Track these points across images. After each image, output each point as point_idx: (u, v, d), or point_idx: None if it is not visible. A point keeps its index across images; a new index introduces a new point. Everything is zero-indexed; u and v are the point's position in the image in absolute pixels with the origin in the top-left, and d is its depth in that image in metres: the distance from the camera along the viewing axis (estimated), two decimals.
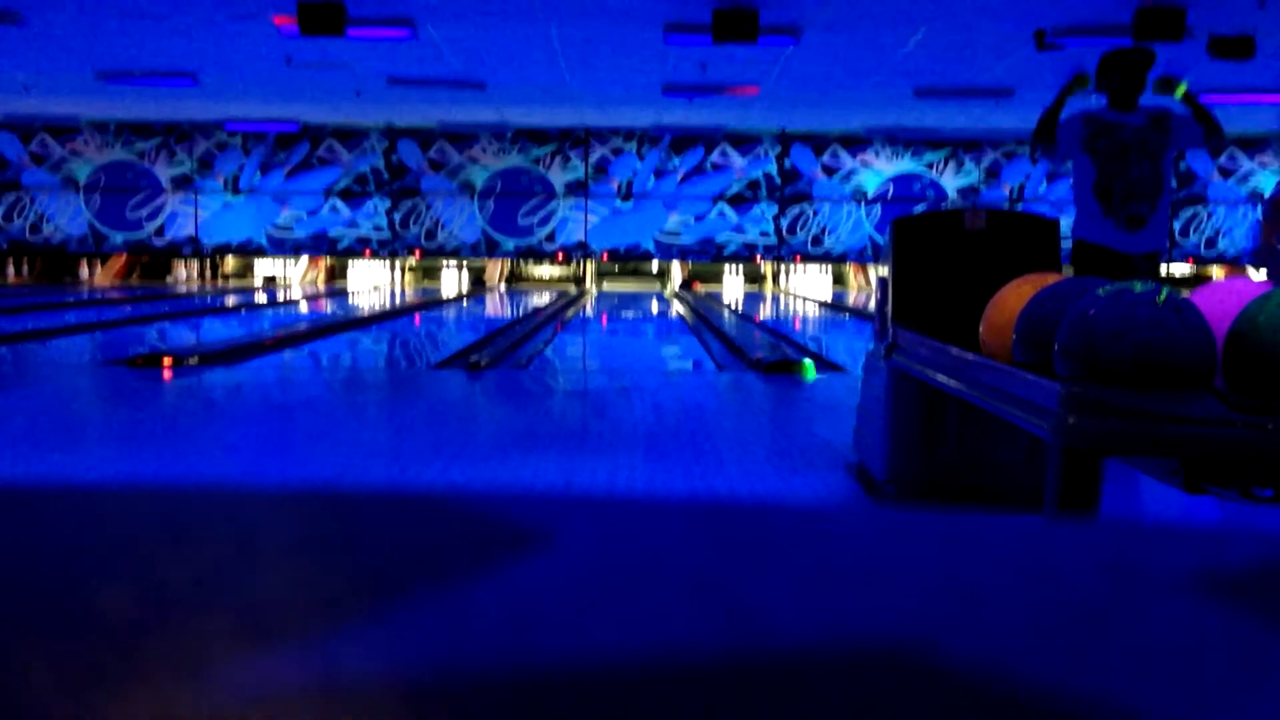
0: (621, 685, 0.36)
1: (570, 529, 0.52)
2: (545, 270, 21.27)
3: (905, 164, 19.99)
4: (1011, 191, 19.87)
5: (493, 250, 20.09)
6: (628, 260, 19.96)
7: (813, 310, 16.30)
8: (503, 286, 20.46)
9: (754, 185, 19.95)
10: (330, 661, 0.36)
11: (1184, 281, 19.02)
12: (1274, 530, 0.52)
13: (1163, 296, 2.28)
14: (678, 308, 15.61)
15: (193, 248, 20.20)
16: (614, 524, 0.56)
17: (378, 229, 20.10)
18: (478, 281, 20.68)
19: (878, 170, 20.02)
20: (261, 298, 16.66)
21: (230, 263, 21.10)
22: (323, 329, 11.55)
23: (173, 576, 0.46)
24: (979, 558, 0.51)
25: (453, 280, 20.63)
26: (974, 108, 16.32)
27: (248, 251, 20.38)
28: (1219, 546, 0.52)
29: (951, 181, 19.97)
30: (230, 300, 16.68)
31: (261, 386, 7.25)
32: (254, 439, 5.27)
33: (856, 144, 19.91)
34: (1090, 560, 0.52)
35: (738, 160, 19.95)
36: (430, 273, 21.08)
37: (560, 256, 20.07)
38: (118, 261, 20.71)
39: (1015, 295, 2.86)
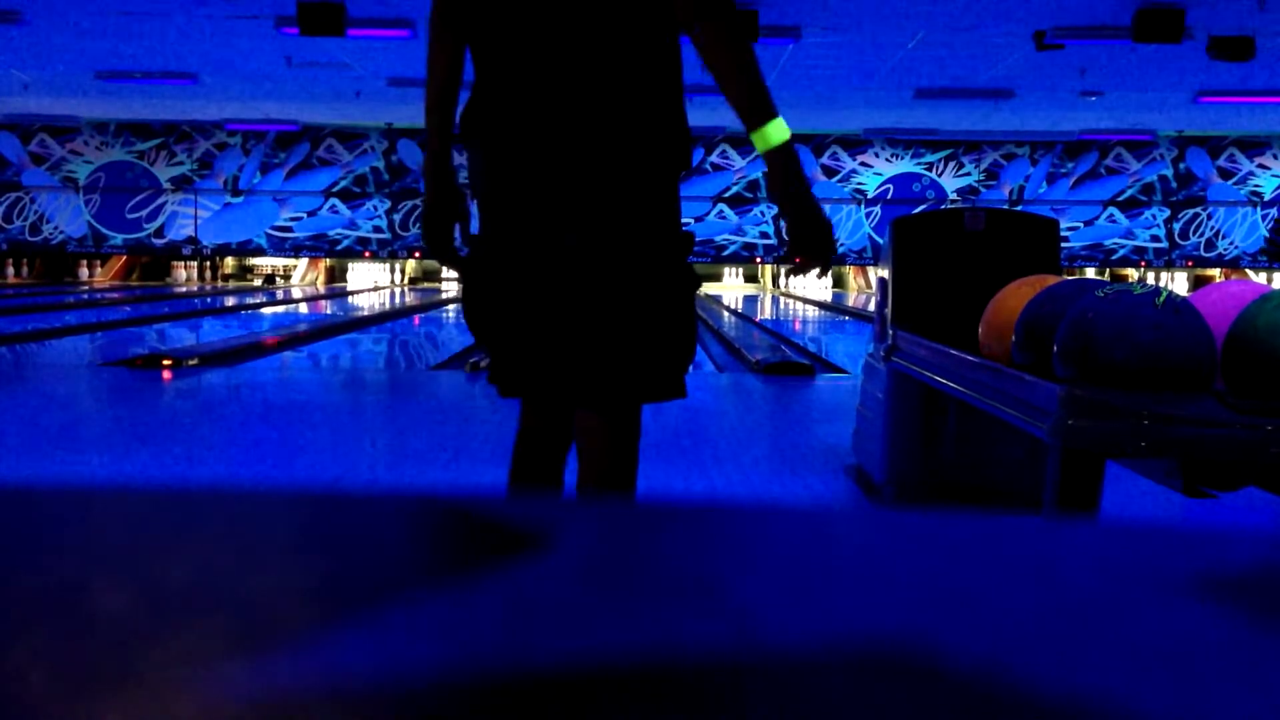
0: (621, 686, 0.36)
1: (570, 529, 0.52)
2: None
3: (905, 165, 20.00)
4: (1011, 192, 19.87)
5: None
6: None
7: (812, 312, 16.30)
8: None
9: (753, 186, 19.95)
10: (329, 663, 0.36)
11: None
12: (1274, 530, 0.52)
13: (1162, 298, 2.29)
14: None
15: (192, 248, 20.19)
16: (613, 524, 0.56)
17: (377, 230, 20.10)
18: None
19: (877, 171, 20.02)
20: (261, 299, 16.66)
21: (229, 263, 21.09)
22: (322, 330, 11.55)
23: (172, 577, 0.46)
24: (979, 558, 0.51)
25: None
26: (974, 109, 16.33)
27: (247, 252, 20.37)
28: (1218, 547, 0.52)
29: (951, 182, 19.98)
30: (230, 301, 16.68)
31: (261, 387, 7.25)
32: (253, 440, 5.27)
33: (856, 145, 19.92)
34: (1090, 560, 0.52)
35: (737, 161, 19.95)
36: (430, 274, 21.08)
37: None
38: (117, 262, 20.71)
39: (1015, 296, 2.86)
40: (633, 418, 2.23)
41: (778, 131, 2.11)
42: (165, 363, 7.74)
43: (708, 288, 19.76)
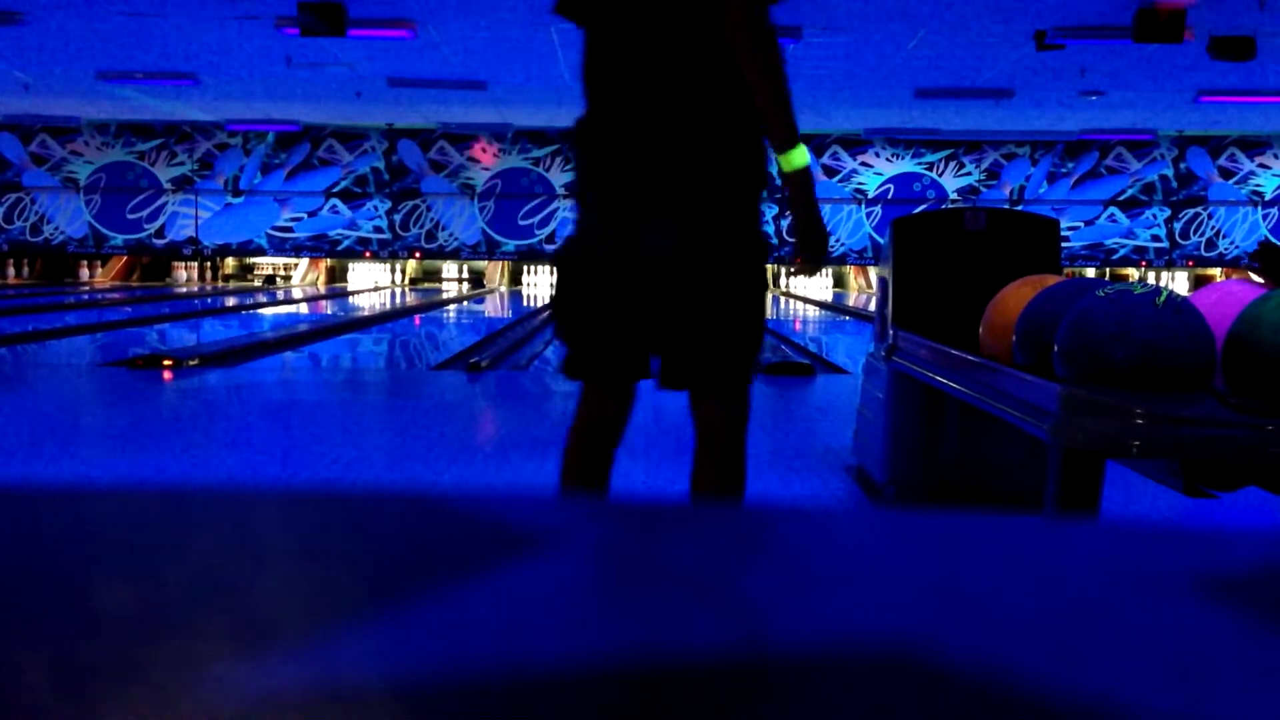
0: (622, 686, 0.36)
1: (570, 529, 0.52)
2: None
3: (905, 165, 19.99)
4: (1012, 192, 19.87)
5: (493, 251, 20.09)
6: None
7: (812, 311, 16.30)
8: (504, 287, 20.45)
9: None
10: (330, 662, 0.36)
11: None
12: (1274, 530, 0.52)
13: (1162, 298, 2.29)
14: None
15: (193, 249, 20.19)
16: (614, 524, 0.56)
17: (378, 230, 20.10)
18: (477, 283, 20.70)
19: (878, 171, 20.02)
20: (261, 299, 16.66)
21: (230, 263, 21.09)
22: (323, 330, 11.56)
23: (173, 576, 0.46)
24: (979, 558, 0.51)
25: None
26: (974, 108, 16.32)
27: (248, 252, 20.37)
28: (1218, 547, 0.52)
29: (952, 182, 19.97)
30: (230, 301, 16.68)
31: (261, 388, 7.25)
32: (254, 440, 5.27)
33: (857, 145, 19.91)
34: (1090, 560, 0.52)
35: None
36: (430, 274, 21.08)
37: None
38: (118, 262, 20.71)
39: (1015, 296, 2.86)
40: (745, 396, 2.54)
41: (800, 156, 2.46)
42: (166, 363, 7.74)
43: None
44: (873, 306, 4.82)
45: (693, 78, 2.40)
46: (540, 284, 20.33)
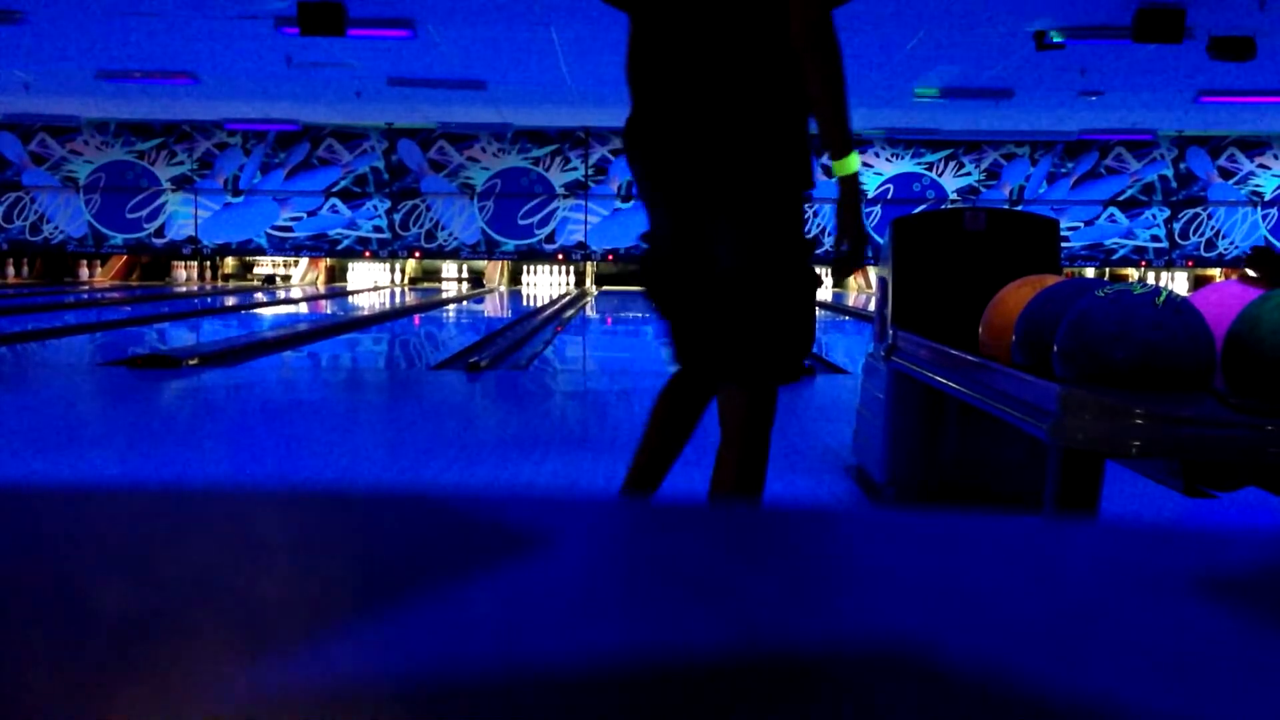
0: (621, 687, 0.36)
1: (570, 529, 0.52)
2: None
3: (905, 164, 19.99)
4: (1011, 192, 19.86)
5: (493, 251, 20.08)
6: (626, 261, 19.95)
7: None
8: (503, 287, 20.44)
9: None
10: (330, 662, 0.36)
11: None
12: (1274, 530, 0.52)
13: (1162, 298, 2.29)
14: None
15: (192, 248, 20.18)
16: (614, 524, 0.56)
17: (378, 230, 20.09)
18: (477, 282, 20.69)
19: (878, 171, 20.02)
20: (261, 298, 16.66)
21: (229, 263, 21.08)
22: (322, 330, 11.55)
23: (172, 576, 0.46)
24: (979, 558, 0.51)
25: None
26: (974, 108, 16.32)
27: (247, 252, 20.36)
28: (1218, 547, 0.52)
29: (951, 182, 19.97)
30: (230, 301, 16.68)
31: (261, 387, 7.25)
32: (253, 439, 5.27)
33: (856, 144, 19.88)
34: (1090, 560, 0.52)
35: None
36: (430, 274, 21.07)
37: (560, 257, 20.07)
38: (118, 262, 20.70)
39: (1015, 296, 2.86)
40: (767, 395, 2.59)
41: (854, 162, 2.58)
42: (165, 362, 7.74)
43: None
44: (872, 306, 4.81)
45: (739, 72, 2.44)
46: (539, 283, 20.33)
